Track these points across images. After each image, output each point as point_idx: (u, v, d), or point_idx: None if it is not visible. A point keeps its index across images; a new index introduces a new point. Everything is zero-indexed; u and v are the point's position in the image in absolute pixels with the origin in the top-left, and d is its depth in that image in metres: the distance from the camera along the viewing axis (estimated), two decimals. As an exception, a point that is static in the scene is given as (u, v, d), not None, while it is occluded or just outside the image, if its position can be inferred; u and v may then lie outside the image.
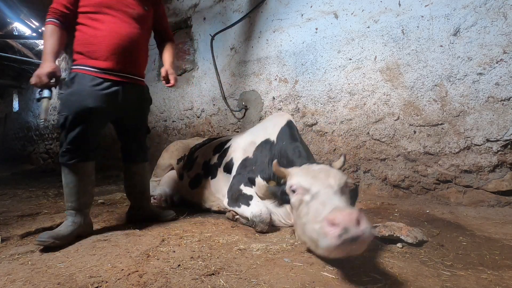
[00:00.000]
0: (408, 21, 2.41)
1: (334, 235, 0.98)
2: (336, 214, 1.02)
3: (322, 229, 1.05)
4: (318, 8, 2.93)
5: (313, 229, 1.15)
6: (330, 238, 1.00)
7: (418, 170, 2.40)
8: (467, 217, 1.98)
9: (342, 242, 0.97)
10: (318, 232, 1.09)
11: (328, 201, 1.19)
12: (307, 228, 1.22)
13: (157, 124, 4.71)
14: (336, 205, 1.13)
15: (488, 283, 1.09)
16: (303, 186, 1.34)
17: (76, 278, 1.16)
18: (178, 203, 2.73)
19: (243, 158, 2.16)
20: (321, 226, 1.06)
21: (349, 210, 1.03)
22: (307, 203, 1.29)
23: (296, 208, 1.37)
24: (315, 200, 1.25)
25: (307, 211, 1.26)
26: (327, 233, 1.01)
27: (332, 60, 2.83)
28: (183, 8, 4.34)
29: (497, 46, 2.06)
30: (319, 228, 1.08)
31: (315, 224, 1.13)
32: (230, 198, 2.08)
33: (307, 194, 1.32)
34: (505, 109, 2.05)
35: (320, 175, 1.38)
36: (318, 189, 1.28)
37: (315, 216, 1.17)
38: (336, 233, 0.98)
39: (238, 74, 3.62)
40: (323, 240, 1.04)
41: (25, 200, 2.97)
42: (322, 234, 1.05)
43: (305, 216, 1.26)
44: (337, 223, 0.99)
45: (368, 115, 2.62)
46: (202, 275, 1.16)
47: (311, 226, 1.18)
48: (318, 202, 1.23)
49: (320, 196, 1.25)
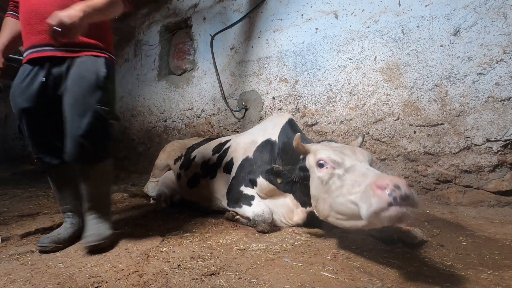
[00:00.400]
0: (408, 21, 2.41)
1: (385, 194, 0.98)
2: (384, 178, 1.04)
3: (370, 192, 1.05)
4: (318, 8, 2.93)
5: (350, 200, 1.17)
6: (381, 197, 0.99)
7: (418, 170, 2.40)
8: (467, 217, 1.98)
9: (394, 199, 0.97)
10: (362, 198, 1.08)
11: (369, 172, 1.20)
12: (339, 201, 1.23)
13: (157, 124, 4.71)
14: (380, 174, 1.15)
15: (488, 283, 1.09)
16: (335, 159, 1.34)
17: (76, 278, 1.16)
18: (178, 204, 2.73)
19: (243, 158, 2.15)
20: (368, 191, 1.06)
21: (396, 176, 1.05)
22: (340, 177, 1.29)
23: (324, 182, 1.37)
24: (351, 173, 1.26)
25: (340, 184, 1.27)
26: (378, 194, 1.01)
27: (332, 60, 2.83)
28: (183, 8, 4.34)
29: (497, 46, 2.06)
30: (364, 194, 1.08)
31: (355, 193, 1.14)
32: (230, 199, 2.08)
33: (339, 168, 1.32)
34: (505, 109, 2.05)
35: (346, 151, 1.40)
36: (353, 163, 1.30)
37: (353, 187, 1.18)
38: (387, 191, 0.98)
39: (238, 74, 3.62)
40: (373, 202, 1.02)
41: (25, 200, 2.97)
42: (369, 198, 1.04)
43: (338, 189, 1.27)
44: (386, 184, 1.00)
45: (368, 115, 2.62)
46: (202, 275, 1.16)
47: (346, 198, 1.19)
48: (356, 174, 1.23)
49: (357, 169, 1.26)
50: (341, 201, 1.24)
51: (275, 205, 1.93)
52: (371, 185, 1.06)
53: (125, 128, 5.34)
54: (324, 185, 1.37)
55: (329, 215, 1.38)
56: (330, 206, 1.33)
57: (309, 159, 1.52)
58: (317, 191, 1.43)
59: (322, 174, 1.38)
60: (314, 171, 1.46)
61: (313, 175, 1.47)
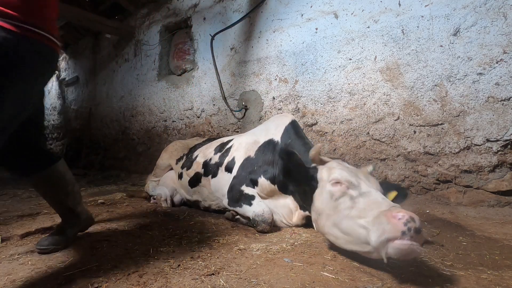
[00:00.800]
0: (408, 21, 2.41)
1: (400, 223, 1.00)
2: (400, 209, 1.07)
3: (383, 219, 1.06)
4: (318, 8, 2.93)
5: (359, 223, 1.16)
6: (396, 225, 1.01)
7: (418, 170, 2.40)
8: (467, 217, 1.98)
9: (408, 229, 0.99)
10: (375, 223, 1.09)
11: (384, 202, 1.21)
12: (347, 222, 1.24)
13: (157, 124, 4.71)
14: (395, 204, 1.16)
15: (488, 283, 1.09)
16: (351, 181, 1.35)
17: (76, 278, 1.16)
18: (178, 203, 2.73)
19: (244, 158, 2.16)
20: (381, 217, 1.07)
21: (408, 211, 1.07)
22: (352, 198, 1.30)
23: (334, 198, 1.36)
24: (365, 197, 1.27)
25: (351, 205, 1.27)
26: (393, 222, 1.02)
27: (332, 60, 2.83)
28: (183, 8, 4.34)
29: (497, 46, 2.06)
30: (377, 220, 1.09)
31: (366, 218, 1.15)
32: (231, 199, 2.08)
33: (354, 189, 1.33)
34: (505, 109, 2.05)
35: (360, 175, 1.41)
36: (369, 190, 1.31)
37: (365, 212, 1.18)
38: (402, 221, 1.00)
39: (238, 74, 3.62)
40: (386, 229, 1.03)
41: (25, 200, 2.97)
42: (383, 224, 1.05)
43: (347, 209, 1.26)
44: (402, 215, 1.02)
45: (368, 115, 2.62)
46: (202, 275, 1.16)
47: (356, 220, 1.19)
48: (370, 200, 1.24)
49: (373, 195, 1.27)
50: (348, 222, 1.23)
51: (276, 205, 1.94)
52: (386, 213, 1.07)
53: (125, 128, 5.34)
54: (333, 201, 1.35)
55: (329, 233, 1.36)
56: (333, 224, 1.31)
57: (322, 172, 1.51)
58: (323, 205, 1.41)
59: (334, 189, 1.37)
60: (324, 185, 1.44)
61: (322, 189, 1.45)
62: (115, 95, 5.60)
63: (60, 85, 7.39)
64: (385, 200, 1.23)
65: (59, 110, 7.47)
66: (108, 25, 4.95)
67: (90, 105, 6.30)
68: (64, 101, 7.27)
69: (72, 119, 6.94)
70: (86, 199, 2.93)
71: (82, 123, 6.53)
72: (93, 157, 6.13)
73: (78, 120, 6.70)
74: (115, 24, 5.10)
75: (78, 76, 6.70)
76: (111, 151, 5.68)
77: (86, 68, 6.43)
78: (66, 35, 6.57)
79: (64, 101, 7.27)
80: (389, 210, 1.09)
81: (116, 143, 5.56)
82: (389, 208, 1.11)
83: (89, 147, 6.29)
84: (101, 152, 5.98)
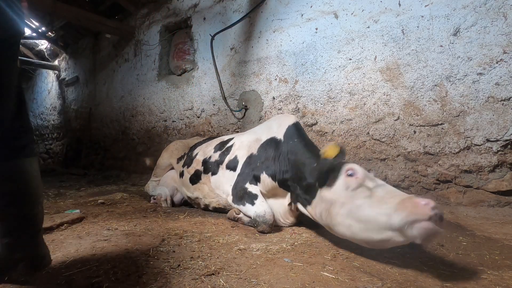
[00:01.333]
0: (408, 21, 2.41)
1: (428, 207, 1.05)
2: (422, 197, 1.12)
3: (409, 203, 1.11)
4: (318, 8, 2.93)
5: (379, 210, 1.21)
6: (424, 209, 1.06)
7: (418, 170, 2.40)
8: (467, 217, 1.98)
9: (435, 214, 1.04)
10: (399, 207, 1.13)
11: (400, 192, 1.27)
12: (365, 209, 1.27)
13: (157, 124, 4.71)
14: (412, 195, 1.20)
15: (488, 283, 1.09)
16: (367, 175, 1.41)
17: (76, 278, 1.16)
18: (178, 203, 2.73)
19: (247, 156, 2.17)
20: (407, 202, 1.12)
21: None
22: (369, 188, 1.34)
23: (349, 188, 1.39)
24: (383, 188, 1.32)
25: (369, 193, 1.31)
26: (421, 205, 1.07)
27: (332, 60, 2.83)
28: (183, 8, 4.34)
29: (497, 46, 2.06)
30: (402, 204, 1.13)
31: (387, 204, 1.20)
32: (235, 196, 2.09)
33: (370, 181, 1.38)
34: (505, 109, 2.05)
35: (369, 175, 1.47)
36: (384, 183, 1.38)
37: (385, 200, 1.23)
38: (429, 206, 1.05)
39: (238, 74, 3.62)
40: (414, 211, 1.08)
41: (25, 200, 2.96)
42: (409, 207, 1.10)
43: (367, 198, 1.30)
44: (427, 201, 1.07)
45: (368, 115, 2.62)
46: (202, 275, 1.16)
47: (376, 207, 1.23)
48: (387, 190, 1.30)
49: (388, 187, 1.34)
50: (368, 209, 1.27)
51: (275, 203, 1.95)
52: (411, 199, 1.12)
53: (125, 128, 5.34)
54: (350, 191, 1.38)
55: (341, 223, 1.37)
56: (349, 212, 1.33)
57: (334, 166, 1.52)
58: (336, 196, 1.43)
59: (350, 180, 1.40)
60: (336, 176, 1.47)
61: (334, 180, 1.48)
62: (115, 95, 5.60)
63: (60, 85, 7.39)
64: (400, 191, 1.29)
65: (59, 110, 7.48)
66: (108, 25, 4.95)
67: (90, 105, 6.30)
68: (64, 101, 7.28)
69: (72, 119, 6.94)
70: (86, 199, 2.93)
71: (82, 123, 6.54)
72: (93, 157, 6.13)
73: (78, 120, 6.70)
74: (115, 24, 5.10)
75: (78, 76, 6.70)
76: (111, 151, 5.68)
77: (86, 68, 6.43)
78: (66, 35, 6.57)
79: (64, 101, 7.27)
80: (412, 197, 1.14)
81: (116, 143, 5.56)
82: (410, 196, 1.16)
83: (89, 147, 6.29)
84: (101, 152, 5.98)
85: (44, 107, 8.09)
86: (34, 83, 8.65)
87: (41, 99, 8.27)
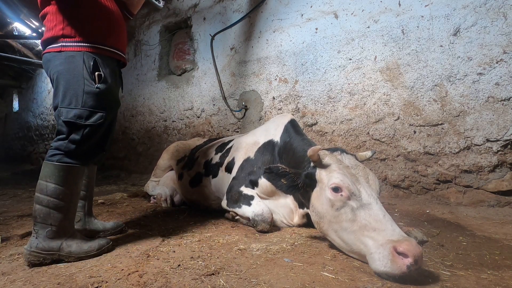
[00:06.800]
0: (408, 21, 2.41)
1: (404, 265, 1.05)
2: (404, 244, 1.08)
3: (388, 253, 1.10)
4: (318, 8, 2.93)
5: (362, 241, 1.22)
6: (400, 267, 1.06)
7: (418, 170, 2.40)
8: (467, 217, 1.98)
9: (409, 272, 1.05)
10: (378, 253, 1.13)
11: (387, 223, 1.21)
12: (349, 236, 1.28)
13: (157, 124, 4.71)
14: (398, 231, 1.18)
15: (488, 283, 1.09)
16: (352, 190, 1.32)
17: (76, 278, 1.16)
18: (178, 203, 2.73)
19: (244, 159, 2.16)
20: (386, 250, 1.11)
21: (415, 243, 1.09)
22: (353, 210, 1.29)
23: (334, 207, 1.35)
24: (366, 211, 1.27)
25: (353, 217, 1.28)
26: (398, 263, 1.06)
27: (332, 60, 2.83)
28: (183, 8, 4.34)
29: (497, 46, 2.06)
30: (381, 251, 1.12)
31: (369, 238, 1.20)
32: (229, 199, 2.08)
33: (354, 200, 1.31)
34: (505, 109, 2.05)
35: (360, 174, 1.41)
36: (370, 201, 1.30)
37: (367, 230, 1.22)
38: (406, 263, 1.05)
39: (238, 74, 3.62)
40: (390, 266, 1.08)
41: (25, 200, 2.97)
42: (386, 259, 1.09)
43: (350, 222, 1.28)
44: (406, 254, 1.06)
45: (368, 115, 2.62)
46: (202, 275, 1.16)
47: (358, 237, 1.24)
48: (372, 216, 1.24)
49: (373, 209, 1.27)
50: (350, 236, 1.27)
51: (276, 205, 1.94)
52: (391, 249, 1.09)
53: (125, 128, 5.34)
54: (334, 211, 1.35)
55: (331, 238, 1.41)
56: (335, 232, 1.35)
57: (321, 173, 1.46)
58: (323, 211, 1.41)
59: (334, 198, 1.35)
60: (324, 188, 1.42)
61: (322, 191, 1.42)
62: (115, 95, 5.59)
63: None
64: (386, 219, 1.23)
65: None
66: (108, 25, 4.94)
67: (90, 105, 6.29)
68: (64, 101, 7.25)
69: (72, 119, 6.92)
70: (86, 199, 2.92)
71: (82, 123, 6.52)
72: (93, 157, 6.12)
73: (78, 120, 6.69)
74: (115, 24, 5.09)
75: (78, 76, 6.68)
76: (111, 151, 5.67)
77: (86, 68, 6.41)
78: (66, 35, 6.55)
79: (64, 101, 7.25)
80: (396, 242, 1.10)
81: (116, 143, 5.56)
82: (393, 239, 1.12)
83: (89, 147, 6.27)
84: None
85: (44, 107, 8.09)
86: (34, 83, 8.65)
87: (41, 99, 8.26)
